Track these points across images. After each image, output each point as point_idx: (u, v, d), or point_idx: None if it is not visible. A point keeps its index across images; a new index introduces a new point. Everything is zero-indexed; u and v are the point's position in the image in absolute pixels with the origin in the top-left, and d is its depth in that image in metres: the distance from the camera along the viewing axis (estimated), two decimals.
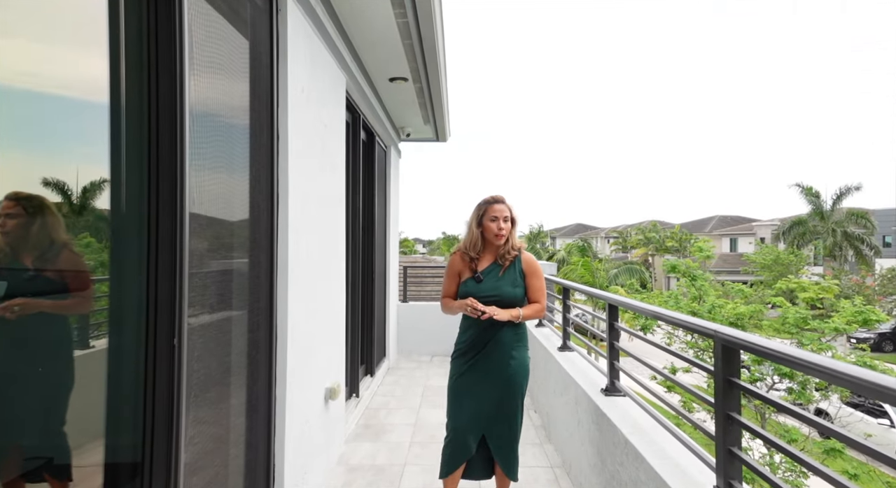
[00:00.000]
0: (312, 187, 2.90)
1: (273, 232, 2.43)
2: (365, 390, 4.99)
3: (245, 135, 2.24)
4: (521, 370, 2.54)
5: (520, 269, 2.58)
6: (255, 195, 2.32)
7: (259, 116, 2.35)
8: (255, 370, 2.34)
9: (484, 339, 2.52)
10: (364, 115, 4.82)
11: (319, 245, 3.05)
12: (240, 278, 2.24)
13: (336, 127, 3.44)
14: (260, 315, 2.36)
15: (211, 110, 1.90)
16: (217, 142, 1.96)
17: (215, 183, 1.95)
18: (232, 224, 2.14)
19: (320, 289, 3.07)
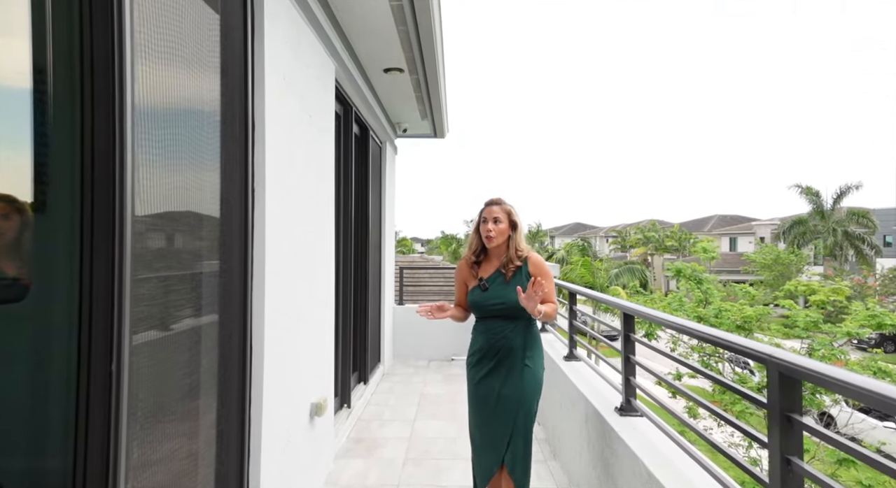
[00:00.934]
0: (296, 182, 2.62)
1: (247, 231, 2.15)
2: (357, 400, 4.72)
3: (214, 124, 1.96)
4: (534, 379, 2.39)
5: (526, 273, 2.42)
6: (226, 190, 2.04)
7: (231, 103, 2.07)
8: (226, 390, 2.06)
9: (496, 347, 2.41)
10: (356, 108, 4.54)
11: (304, 245, 2.77)
12: (208, 283, 1.96)
13: (324, 118, 3.16)
14: (232, 325, 2.09)
15: (166, 96, 1.62)
16: (175, 132, 1.68)
17: (173, 178, 1.67)
18: (197, 223, 1.86)
19: (304, 293, 2.79)
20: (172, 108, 1.67)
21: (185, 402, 1.78)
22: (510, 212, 2.46)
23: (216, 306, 2.01)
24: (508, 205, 2.49)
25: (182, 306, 1.78)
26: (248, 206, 2.16)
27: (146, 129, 1.47)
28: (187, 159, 1.76)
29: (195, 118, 1.82)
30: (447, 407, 4.77)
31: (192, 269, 1.85)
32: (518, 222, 2.47)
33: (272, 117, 2.28)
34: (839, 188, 30.44)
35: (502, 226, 2.42)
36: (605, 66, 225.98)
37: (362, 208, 5.20)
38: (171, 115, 1.66)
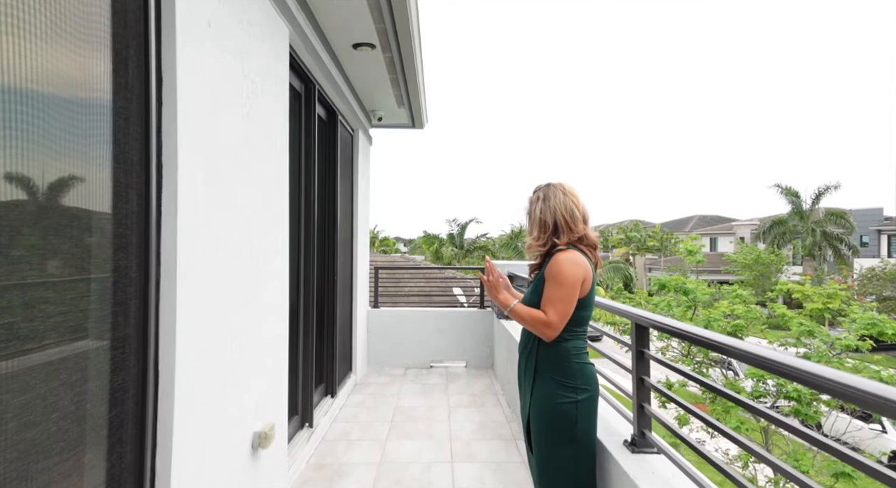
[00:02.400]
0: (228, 162, 2.10)
1: (149, 225, 1.62)
2: (322, 416, 4.19)
3: (99, 82, 1.44)
4: (542, 408, 1.91)
5: (544, 271, 2.01)
6: (118, 173, 1.52)
7: (125, 51, 1.54)
8: (120, 438, 1.53)
9: (520, 362, 2.10)
10: (320, 86, 4.01)
11: (242, 243, 2.25)
12: (95, 295, 1.44)
13: (272, 87, 2.63)
14: (126, 347, 1.56)
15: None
16: (19, 99, 1.15)
17: (23, 159, 1.16)
18: (69, 218, 1.34)
19: (243, 301, 2.27)
20: (18, 63, 1.14)
21: (55, 464, 1.26)
22: (533, 200, 2.16)
23: (106, 322, 1.49)
24: (535, 192, 2.17)
25: (49, 328, 1.26)
26: (150, 193, 1.63)
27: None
28: (47, 132, 1.23)
29: (58, 77, 1.29)
30: (424, 425, 4.27)
31: (69, 277, 1.33)
32: (532, 212, 2.13)
33: (190, 74, 1.76)
34: (817, 188, 30.78)
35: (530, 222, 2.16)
36: (588, 67, 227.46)
37: (329, 201, 4.67)
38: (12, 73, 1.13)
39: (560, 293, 1.86)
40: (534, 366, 1.95)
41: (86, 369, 1.41)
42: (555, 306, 1.86)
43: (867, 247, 34.97)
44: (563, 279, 1.87)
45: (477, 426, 4.24)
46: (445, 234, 35.18)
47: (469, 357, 6.49)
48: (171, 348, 1.67)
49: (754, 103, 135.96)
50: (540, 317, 1.88)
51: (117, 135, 1.51)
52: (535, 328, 1.90)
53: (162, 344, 1.67)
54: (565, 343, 1.93)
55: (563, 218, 1.99)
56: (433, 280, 9.62)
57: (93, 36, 1.41)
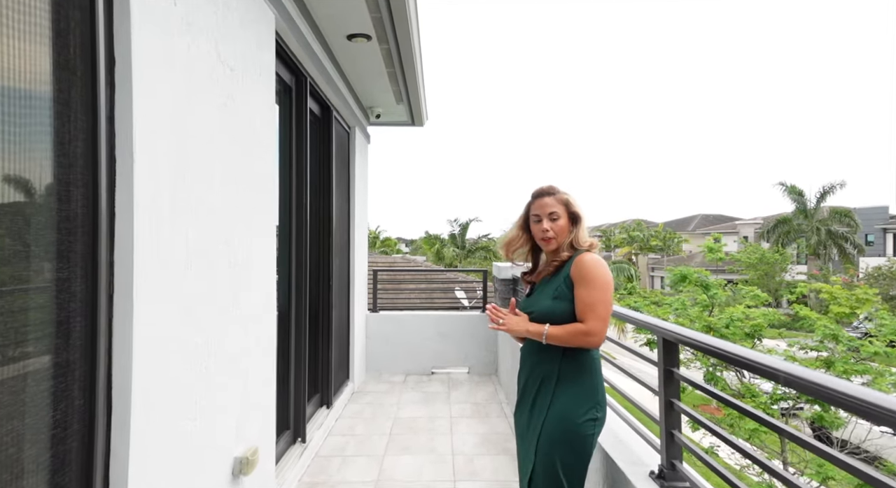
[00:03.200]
0: (201, 158, 1.86)
1: (97, 229, 1.39)
2: (316, 429, 3.95)
3: (32, 59, 1.20)
4: (560, 421, 1.70)
5: (566, 274, 1.80)
6: (57, 168, 1.29)
7: (63, 23, 1.30)
8: (59, 477, 1.30)
9: (523, 372, 1.90)
10: (313, 79, 3.77)
11: (218, 246, 2.01)
12: (27, 313, 1.21)
13: (255, 76, 2.39)
14: (69, 374, 1.32)
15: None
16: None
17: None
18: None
19: (218, 312, 2.03)
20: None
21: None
22: (568, 201, 1.88)
23: (42, 348, 1.25)
24: (563, 192, 1.91)
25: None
26: (99, 193, 1.39)
27: None
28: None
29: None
30: (424, 437, 4.03)
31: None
32: (580, 213, 1.88)
33: (147, 50, 1.52)
34: (822, 187, 30.51)
35: (562, 223, 1.86)
36: (591, 66, 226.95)
37: (324, 201, 4.44)
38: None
39: (600, 294, 1.70)
40: (555, 377, 1.73)
41: (14, 404, 1.18)
42: (596, 310, 1.68)
43: (872, 245, 34.65)
44: (601, 280, 1.71)
45: (480, 439, 4.00)
46: (447, 234, 34.96)
47: (472, 363, 6.25)
48: (125, 372, 1.44)
49: (758, 101, 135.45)
50: (580, 328, 1.69)
51: (56, 124, 1.27)
52: (577, 342, 1.70)
53: (116, 367, 1.43)
54: (592, 352, 1.75)
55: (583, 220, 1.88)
56: (434, 282, 9.37)
57: (22, 4, 1.18)
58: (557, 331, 1.70)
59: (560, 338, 1.69)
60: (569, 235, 1.84)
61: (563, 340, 1.69)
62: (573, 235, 1.84)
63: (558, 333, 1.70)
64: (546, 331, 1.71)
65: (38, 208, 1.24)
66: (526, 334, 1.77)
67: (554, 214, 1.85)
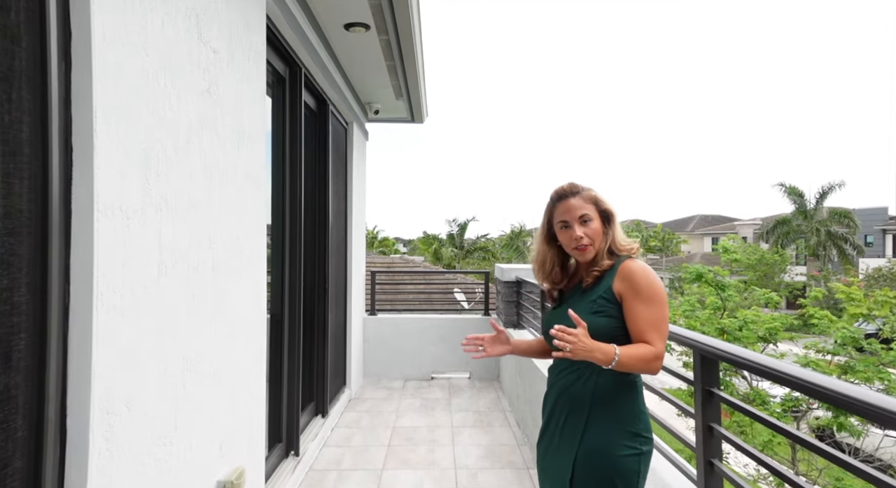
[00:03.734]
0: (179, 150, 1.65)
1: (48, 230, 1.18)
2: (311, 441, 3.74)
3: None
4: (599, 461, 1.44)
5: (608, 286, 1.51)
6: (5, 158, 1.08)
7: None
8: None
9: (550, 396, 1.61)
10: (308, 70, 3.56)
11: (200, 250, 1.80)
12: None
13: (243, 61, 2.18)
14: (10, 402, 1.12)
15: None
16: None
17: None
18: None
19: (200, 322, 1.82)
20: None
21: None
22: (596, 198, 1.59)
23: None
24: (587, 188, 1.62)
25: None
26: (51, 187, 1.18)
27: None
28: None
29: None
30: (425, 449, 3.83)
31: None
32: (612, 210, 1.60)
33: (112, 23, 1.31)
34: (822, 187, 30.42)
35: (596, 226, 1.56)
36: (588, 65, 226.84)
37: (320, 200, 4.23)
38: None
39: (662, 311, 1.44)
40: (588, 403, 1.47)
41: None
42: (660, 330, 1.42)
43: (872, 246, 34.55)
44: (661, 293, 1.45)
45: (484, 450, 3.80)
46: (445, 235, 34.75)
47: (473, 367, 6.04)
48: (83, 398, 1.23)
49: (756, 102, 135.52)
50: (651, 353, 1.40)
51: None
52: (644, 368, 1.41)
53: (71, 391, 1.22)
54: (634, 376, 1.50)
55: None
56: (433, 283, 9.17)
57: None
58: (628, 358, 1.38)
59: (629, 365, 1.38)
60: (605, 239, 1.56)
61: (631, 367, 1.39)
62: (610, 238, 1.55)
63: (629, 361, 1.38)
64: (617, 356, 1.37)
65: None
66: (592, 358, 1.37)
67: (585, 216, 1.54)
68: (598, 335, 1.42)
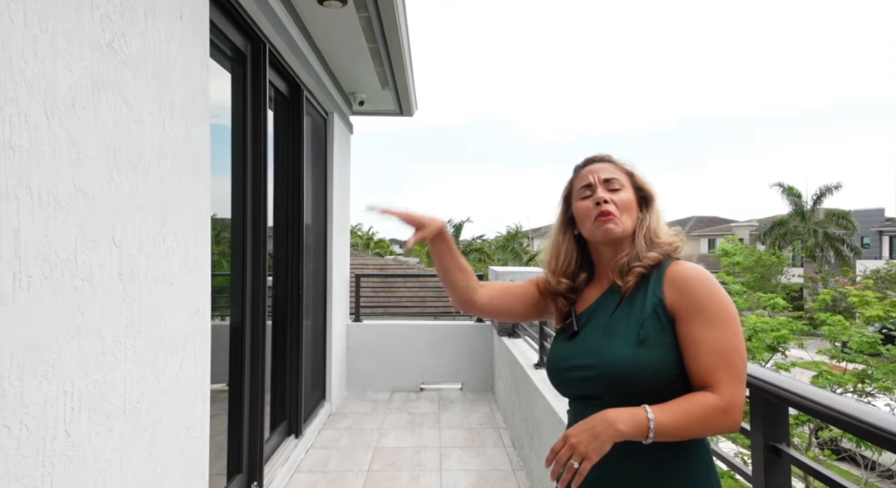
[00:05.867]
0: (59, 118, 1.23)
1: None
2: (281, 466, 3.31)
3: None
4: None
5: (659, 298, 1.01)
6: None
7: None
8: None
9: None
10: (275, 47, 3.13)
11: (96, 249, 1.38)
12: None
13: (169, 14, 1.76)
14: None
15: None
16: None
17: None
18: None
19: (103, 340, 1.39)
20: None
21: None
22: (632, 172, 1.15)
23: None
24: (623, 162, 1.17)
25: None
26: None
27: None
28: None
29: None
30: (408, 475, 3.40)
31: None
32: (653, 192, 1.14)
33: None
34: (819, 189, 30.27)
35: (626, 197, 1.10)
36: (585, 62, 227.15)
37: (293, 196, 3.80)
38: None
39: (735, 338, 0.95)
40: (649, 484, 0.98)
41: None
42: (734, 365, 0.93)
43: (868, 248, 34.38)
44: (731, 311, 0.97)
45: (475, 477, 3.38)
46: None
47: (465, 378, 5.62)
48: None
49: (755, 102, 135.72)
50: (712, 404, 0.92)
51: None
52: (709, 428, 0.94)
53: None
54: (704, 445, 1.03)
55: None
56: (426, 287, 8.75)
57: None
58: (672, 418, 0.90)
59: (679, 429, 0.91)
60: (640, 224, 1.09)
61: (685, 430, 0.92)
62: (647, 226, 1.09)
63: (675, 420, 0.90)
64: (653, 424, 0.88)
65: None
66: (613, 436, 0.89)
67: (613, 182, 1.11)
68: (642, 377, 0.96)
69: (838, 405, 0.97)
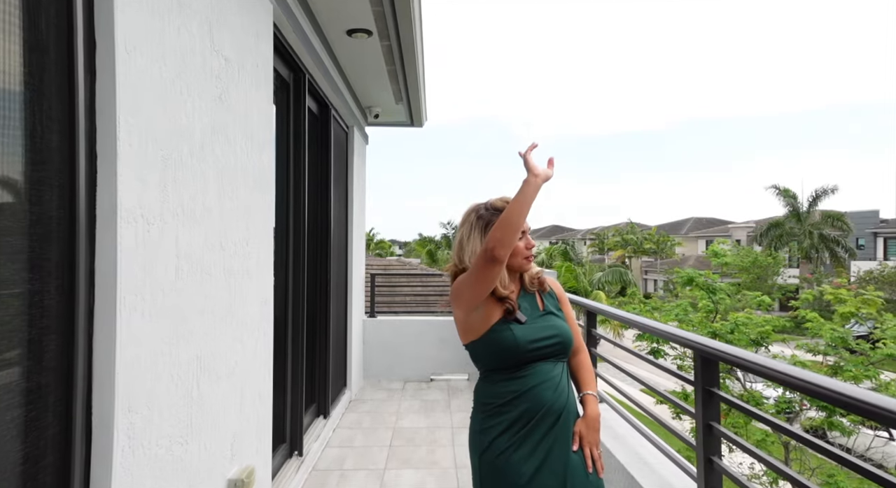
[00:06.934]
0: (194, 156, 1.70)
1: (76, 235, 1.22)
2: (313, 441, 3.78)
3: (4, 41, 1.04)
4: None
5: (554, 295, 1.67)
6: (27, 165, 1.12)
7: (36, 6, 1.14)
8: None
9: (549, 407, 1.48)
10: (311, 76, 3.61)
11: (213, 254, 1.85)
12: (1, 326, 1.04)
13: (252, 69, 2.23)
14: (40, 400, 1.16)
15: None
16: None
17: None
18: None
19: (213, 325, 1.86)
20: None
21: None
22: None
23: (7, 373, 1.09)
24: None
25: None
26: (79, 194, 1.23)
27: None
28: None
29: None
30: (426, 450, 3.87)
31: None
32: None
33: (132, 33, 1.36)
34: (815, 190, 30.65)
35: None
36: (582, 65, 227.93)
37: (322, 204, 4.27)
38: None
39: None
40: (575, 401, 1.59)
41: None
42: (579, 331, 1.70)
43: (863, 249, 34.81)
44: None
45: None
46: (440, 236, 34.82)
47: (471, 369, 6.08)
48: (107, 397, 1.27)
49: (753, 103, 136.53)
50: (589, 361, 1.71)
51: (25, 114, 1.11)
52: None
53: (96, 393, 1.26)
54: None
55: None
56: (430, 286, 9.21)
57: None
58: (594, 382, 1.65)
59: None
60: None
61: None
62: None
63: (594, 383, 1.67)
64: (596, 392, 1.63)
65: (2, 210, 1.08)
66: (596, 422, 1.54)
67: (527, 230, 1.61)
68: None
69: (747, 356, 1.43)
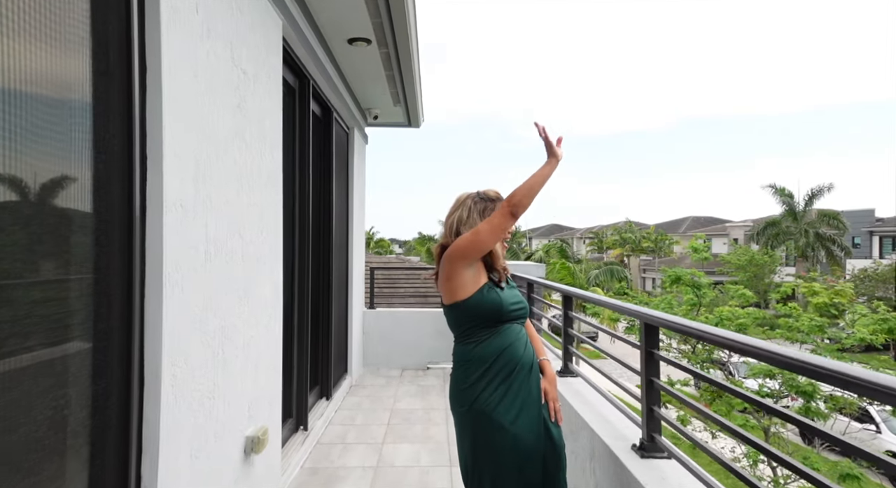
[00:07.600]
0: (219, 157, 2.01)
1: (132, 221, 1.53)
2: (317, 419, 4.09)
3: (76, 67, 1.35)
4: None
5: (512, 282, 2.05)
6: (99, 165, 1.43)
7: (103, 34, 1.45)
8: (102, 439, 1.44)
9: (528, 359, 1.88)
10: (315, 81, 3.92)
11: (233, 240, 2.16)
12: (74, 296, 1.35)
13: (265, 79, 2.54)
14: (109, 351, 1.47)
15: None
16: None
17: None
18: (47, 214, 1.25)
19: (234, 303, 2.17)
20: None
21: (32, 472, 1.17)
22: None
23: (87, 328, 1.40)
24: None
25: (26, 330, 1.17)
26: (134, 189, 1.53)
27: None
28: (25, 122, 1.14)
29: (37, 66, 1.20)
30: (421, 427, 4.18)
31: (38, 278, 1.24)
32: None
33: (174, 55, 1.66)
34: (811, 190, 30.84)
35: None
36: (583, 63, 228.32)
37: (325, 201, 4.58)
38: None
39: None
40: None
41: (66, 373, 1.32)
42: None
43: (859, 248, 35.10)
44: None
45: None
46: (438, 234, 35.04)
47: None
48: (156, 352, 1.58)
49: (751, 103, 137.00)
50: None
51: (97, 124, 1.42)
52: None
53: (147, 347, 1.58)
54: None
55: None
56: (429, 281, 9.52)
57: (69, 17, 1.32)
58: (543, 349, 2.03)
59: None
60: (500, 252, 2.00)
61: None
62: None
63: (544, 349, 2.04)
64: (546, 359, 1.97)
65: (83, 202, 1.38)
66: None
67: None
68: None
69: (682, 322, 1.74)
